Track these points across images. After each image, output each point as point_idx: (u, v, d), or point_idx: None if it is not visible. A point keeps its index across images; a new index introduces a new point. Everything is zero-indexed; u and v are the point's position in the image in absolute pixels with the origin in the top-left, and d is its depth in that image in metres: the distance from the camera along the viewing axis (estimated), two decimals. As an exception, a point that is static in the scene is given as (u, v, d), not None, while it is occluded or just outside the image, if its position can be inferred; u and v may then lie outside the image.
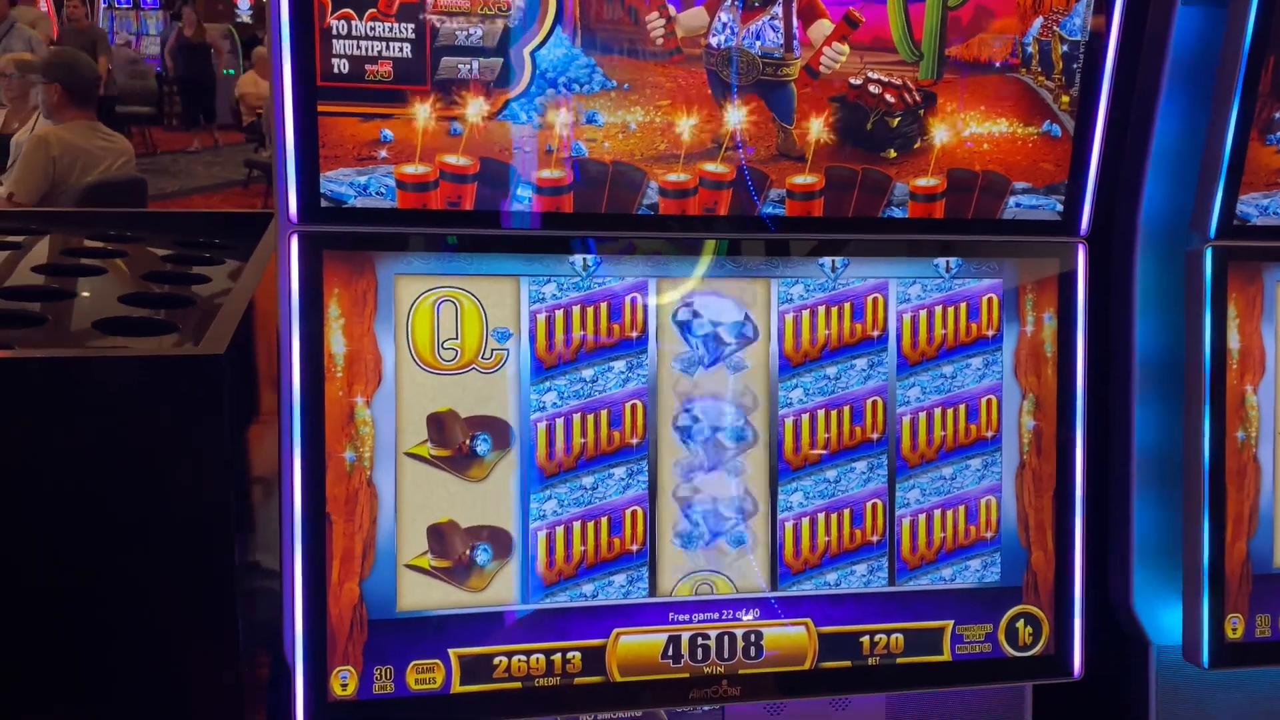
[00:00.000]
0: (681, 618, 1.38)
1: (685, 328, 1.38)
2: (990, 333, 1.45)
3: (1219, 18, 1.47)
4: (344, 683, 1.29)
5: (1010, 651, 1.47)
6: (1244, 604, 1.52)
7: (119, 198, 4.52)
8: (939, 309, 1.44)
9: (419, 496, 1.31)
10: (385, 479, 1.29)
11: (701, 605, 1.39)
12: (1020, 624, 1.47)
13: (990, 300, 1.45)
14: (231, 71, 12.86)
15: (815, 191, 1.37)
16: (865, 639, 1.42)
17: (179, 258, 1.89)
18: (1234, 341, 1.51)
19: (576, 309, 1.34)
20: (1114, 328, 1.59)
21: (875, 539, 1.42)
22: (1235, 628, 1.52)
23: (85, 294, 1.64)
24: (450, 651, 1.32)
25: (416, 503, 1.31)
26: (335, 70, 1.22)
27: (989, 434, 1.45)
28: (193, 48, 12.58)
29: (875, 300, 1.42)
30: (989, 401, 1.45)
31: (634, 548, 1.37)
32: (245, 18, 14.64)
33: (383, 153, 1.25)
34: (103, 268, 1.77)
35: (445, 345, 1.31)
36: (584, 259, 1.34)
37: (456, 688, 1.32)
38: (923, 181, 1.39)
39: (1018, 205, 1.43)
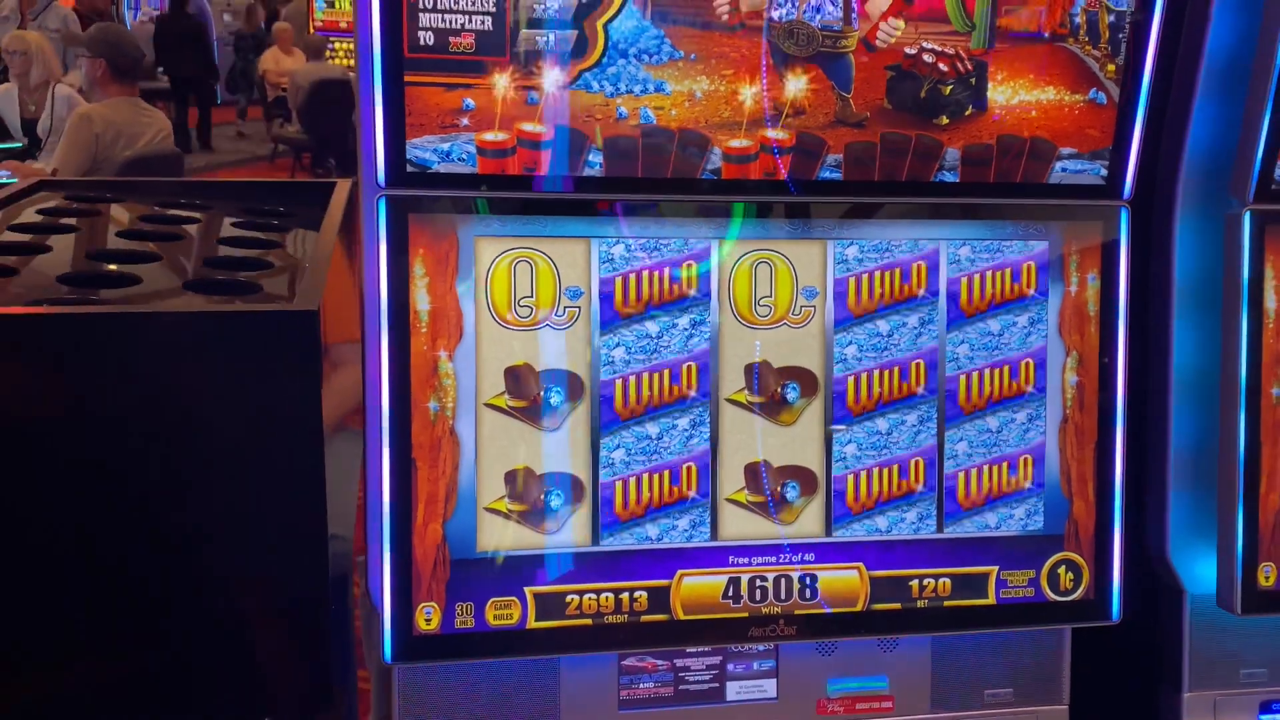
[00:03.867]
0: (741, 560, 1.46)
1: (744, 287, 1.45)
2: (1036, 292, 1.51)
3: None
4: (428, 617, 1.38)
5: (1052, 596, 1.54)
6: (1277, 553, 1.58)
7: (156, 171, 4.61)
8: (988, 269, 1.50)
9: (497, 444, 1.39)
10: (466, 428, 1.38)
11: (760, 549, 1.47)
12: (1062, 570, 1.54)
13: (1036, 261, 1.51)
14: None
15: (871, 157, 1.43)
16: (914, 583, 1.50)
17: (249, 224, 1.97)
18: (1271, 302, 1.57)
19: (644, 270, 1.42)
20: (1153, 287, 1.65)
21: (924, 488, 1.50)
22: (1268, 576, 1.58)
23: (168, 258, 1.73)
24: (526, 590, 1.41)
25: (495, 450, 1.39)
26: (421, 42, 1.30)
27: (1033, 389, 1.52)
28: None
29: (923, 264, 1.48)
30: (1034, 358, 1.52)
31: (695, 495, 1.45)
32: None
33: (464, 120, 1.33)
34: (180, 234, 1.86)
35: (521, 303, 1.39)
36: (649, 222, 1.41)
37: (532, 623, 1.41)
38: (973, 147, 1.45)
39: (1064, 170, 1.49)
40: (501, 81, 1.32)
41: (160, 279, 1.63)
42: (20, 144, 5.55)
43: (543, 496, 1.41)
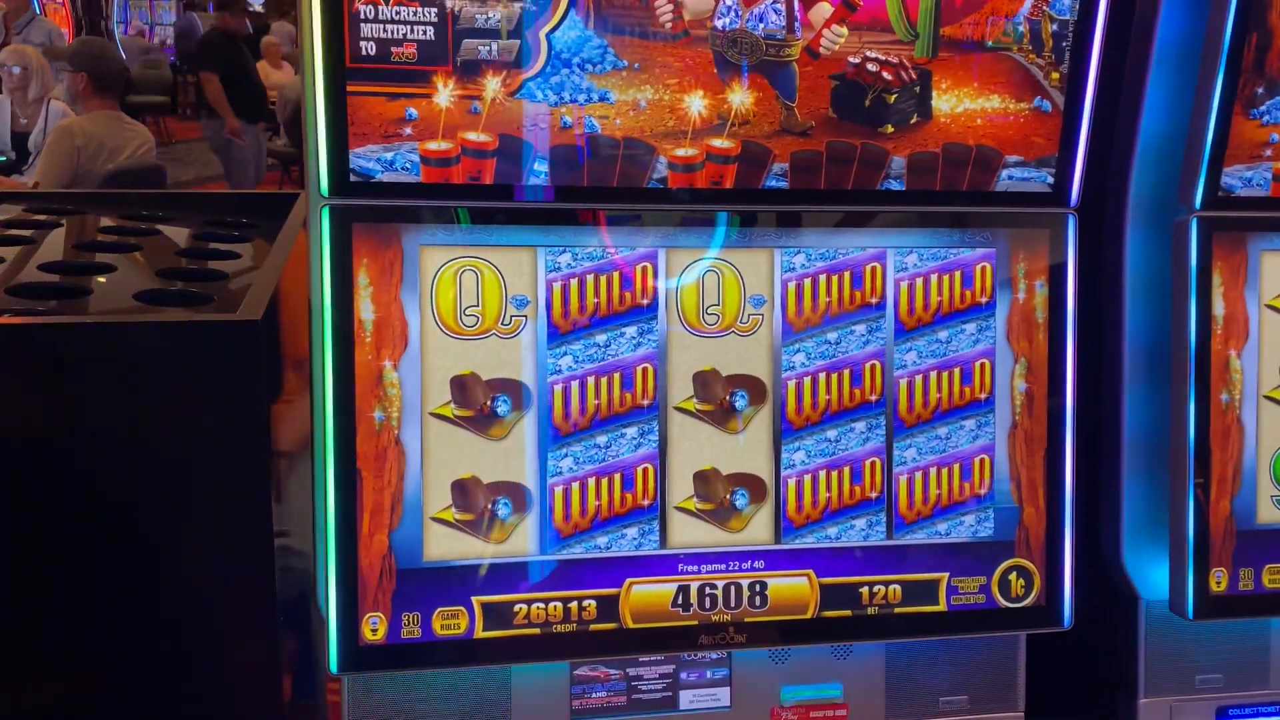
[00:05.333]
0: (690, 568, 1.46)
1: (691, 295, 1.45)
2: (984, 299, 1.52)
3: (1205, -4, 1.54)
4: (374, 628, 1.38)
5: (1003, 602, 1.54)
6: (1228, 559, 1.59)
7: (139, 184, 4.61)
8: (934, 277, 1.51)
9: (443, 454, 1.39)
10: (412, 437, 1.38)
11: (709, 557, 1.47)
12: (1013, 576, 1.54)
13: (984, 269, 1.52)
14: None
15: (816, 166, 1.44)
16: (865, 589, 1.50)
17: (208, 236, 1.97)
18: (1219, 308, 1.58)
19: (590, 278, 1.42)
20: (1105, 295, 1.66)
21: (874, 495, 1.50)
22: (1219, 581, 1.59)
23: (121, 270, 1.73)
24: (473, 599, 1.40)
25: (441, 460, 1.39)
26: (363, 52, 1.30)
27: (982, 396, 1.53)
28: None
29: (874, 269, 1.49)
30: (982, 365, 1.53)
31: (645, 502, 1.45)
32: (258, 7, 14.70)
33: (408, 130, 1.33)
34: (136, 245, 1.86)
35: (467, 312, 1.39)
36: (596, 230, 1.41)
37: (479, 633, 1.40)
38: (919, 155, 1.46)
39: (1010, 178, 1.50)
40: (444, 91, 1.33)
41: (112, 290, 1.63)
42: (4, 158, 5.56)
43: (490, 506, 1.41)
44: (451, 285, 1.38)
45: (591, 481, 1.43)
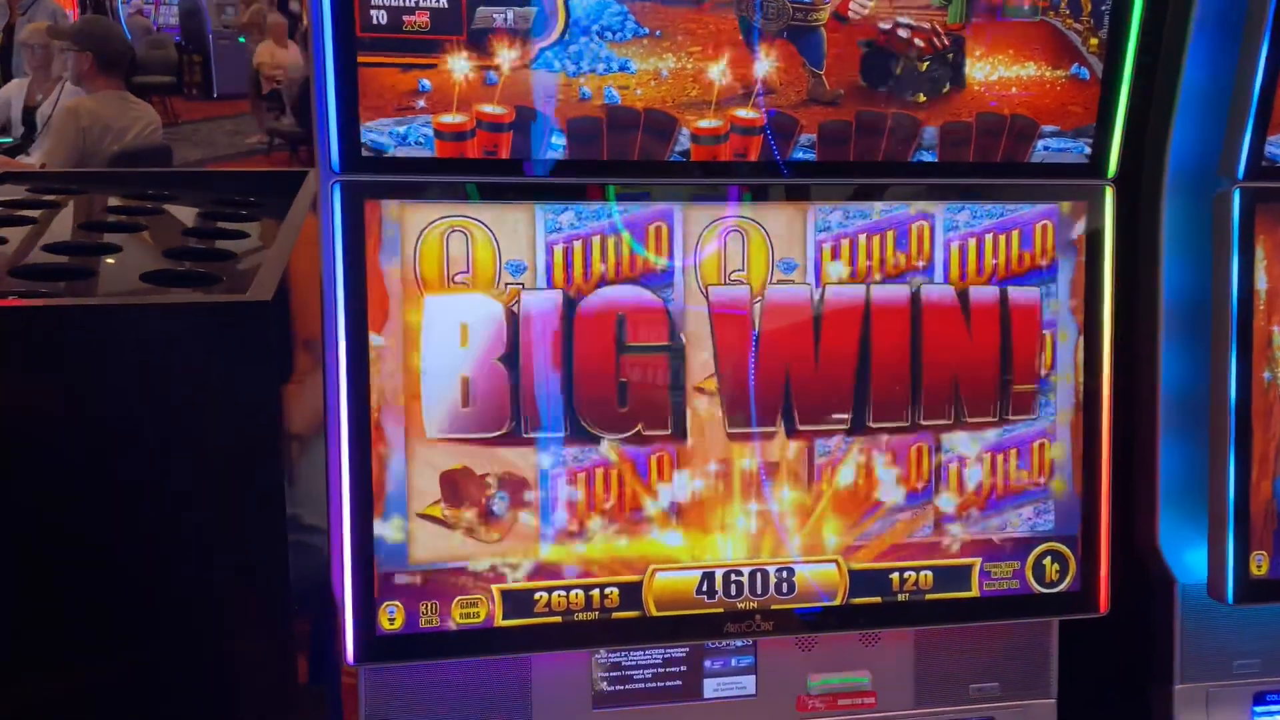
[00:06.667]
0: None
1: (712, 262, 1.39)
2: (1044, 262, 1.45)
3: (1250, -43, 1.47)
4: (391, 617, 1.34)
5: (1037, 588, 1.50)
6: (1269, 541, 1.54)
7: (145, 164, 4.57)
8: (984, 238, 1.43)
9: None
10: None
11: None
12: (1048, 561, 1.50)
13: (1045, 228, 1.44)
14: (244, 39, 12.85)
15: (845, 137, 1.38)
16: (895, 575, 1.46)
17: (216, 215, 1.93)
18: (1261, 283, 1.53)
19: (596, 240, 1.36)
20: (1141, 271, 1.60)
21: (920, 486, 1.44)
22: (1260, 564, 1.54)
23: (127, 250, 1.69)
24: (493, 587, 1.36)
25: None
26: (374, 21, 1.25)
27: (1043, 372, 1.46)
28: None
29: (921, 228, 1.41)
30: (1043, 339, 1.46)
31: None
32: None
33: (421, 102, 1.28)
34: (143, 224, 1.81)
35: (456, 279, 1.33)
36: (616, 206, 1.36)
37: (499, 622, 1.37)
38: (952, 125, 1.40)
39: (1046, 149, 1.44)
40: (458, 61, 1.28)
41: (118, 272, 1.59)
42: (11, 140, 5.52)
43: (485, 500, 1.36)
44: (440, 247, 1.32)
45: (599, 471, 1.37)
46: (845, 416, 1.42)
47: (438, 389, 1.32)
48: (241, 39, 12.73)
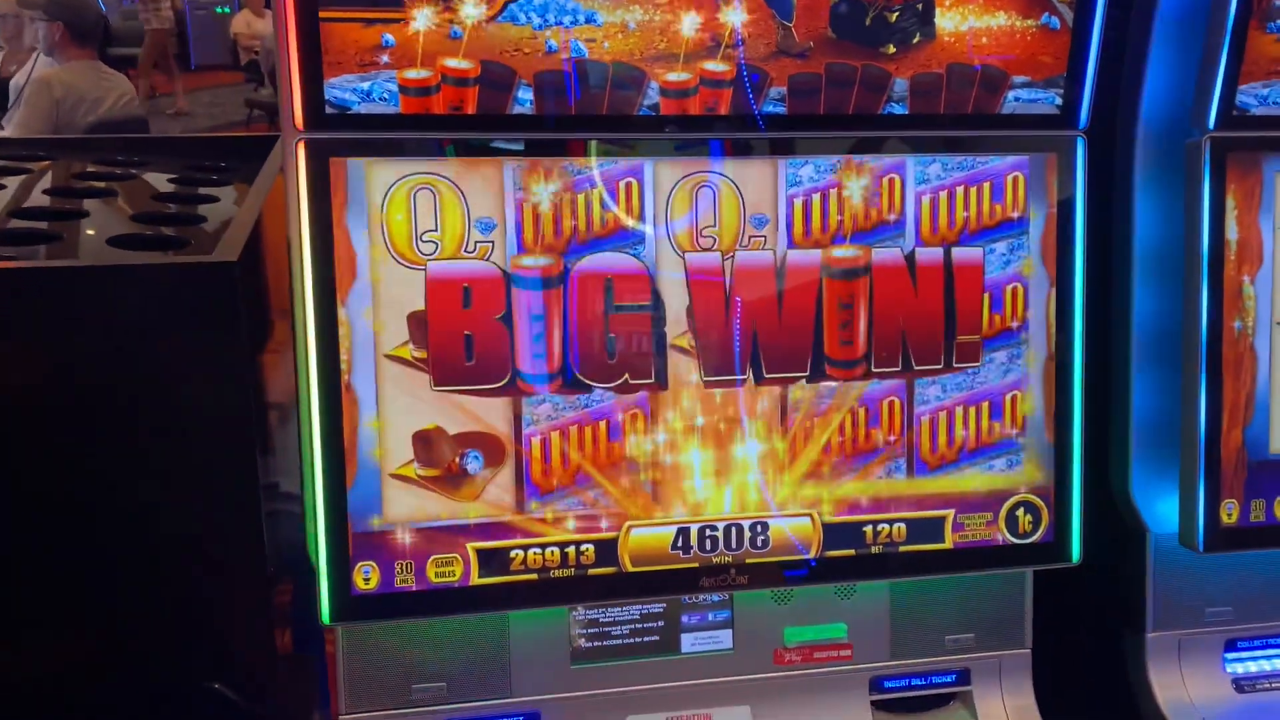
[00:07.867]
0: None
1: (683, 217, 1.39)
2: (1015, 214, 1.45)
3: (1221, -96, 1.46)
4: (366, 577, 1.34)
5: (1010, 539, 1.51)
6: (1239, 490, 1.55)
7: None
8: (955, 190, 1.43)
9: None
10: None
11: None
12: (1020, 512, 1.51)
13: (1016, 179, 1.45)
14: (226, 10, 12.68)
15: (815, 89, 1.37)
16: (868, 528, 1.47)
17: (186, 180, 1.91)
18: (1232, 233, 1.53)
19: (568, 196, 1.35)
20: (1115, 222, 1.60)
21: (893, 439, 1.45)
22: (1230, 513, 1.55)
23: (96, 215, 1.67)
24: (468, 545, 1.37)
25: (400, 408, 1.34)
26: (335, -26, 1.23)
27: (1014, 325, 1.46)
28: None
29: (891, 181, 1.41)
30: (1014, 290, 1.46)
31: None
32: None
33: (385, 58, 1.27)
34: (113, 190, 1.80)
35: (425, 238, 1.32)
36: (595, 162, 1.35)
37: (475, 580, 1.37)
38: (922, 76, 1.39)
39: (1016, 99, 1.43)
40: (422, 15, 1.26)
41: (86, 236, 1.57)
42: (-23, 114, 5.44)
43: (458, 460, 1.36)
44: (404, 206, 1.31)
45: (574, 429, 1.38)
46: (806, 362, 1.42)
47: (406, 345, 1.32)
48: (220, 9, 12.57)
